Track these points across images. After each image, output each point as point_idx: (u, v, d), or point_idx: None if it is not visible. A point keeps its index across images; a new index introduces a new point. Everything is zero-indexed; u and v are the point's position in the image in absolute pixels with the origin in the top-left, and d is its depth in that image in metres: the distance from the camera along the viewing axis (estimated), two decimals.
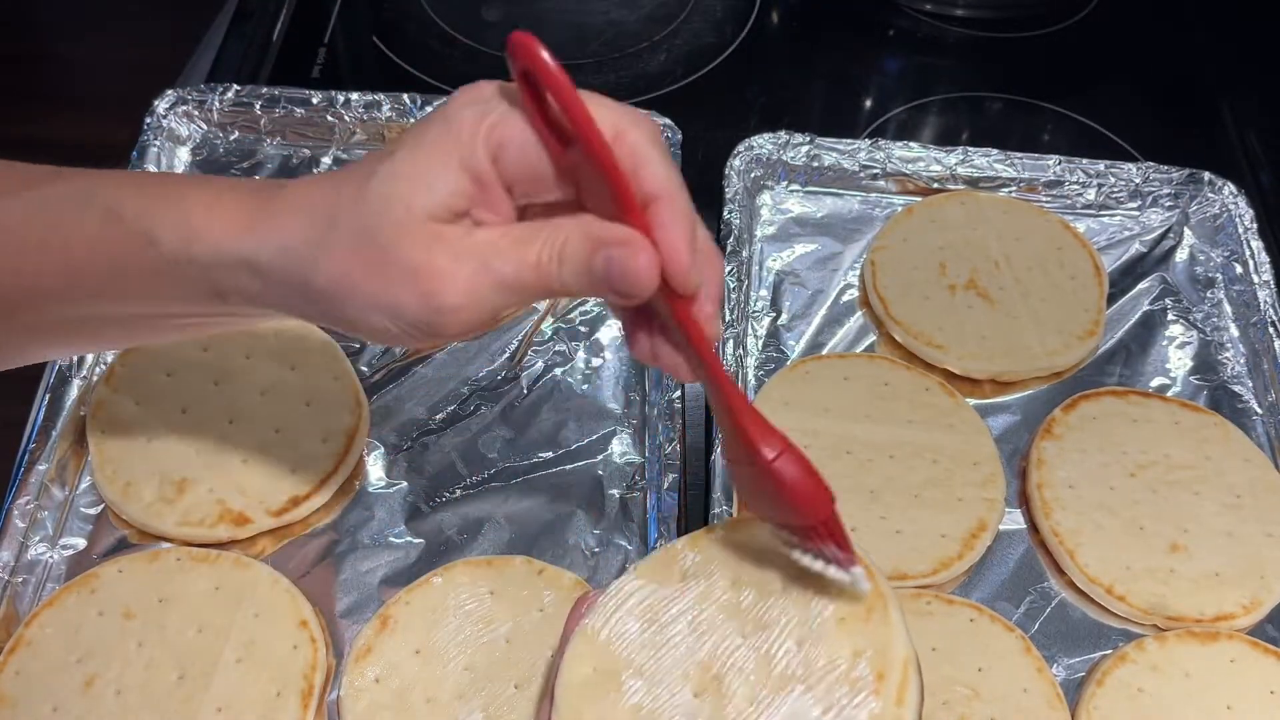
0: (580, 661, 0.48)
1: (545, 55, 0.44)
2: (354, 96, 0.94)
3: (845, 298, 0.89)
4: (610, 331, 0.85)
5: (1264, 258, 0.89)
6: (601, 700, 0.47)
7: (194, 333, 0.56)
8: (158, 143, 0.91)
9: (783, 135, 0.93)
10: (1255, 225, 0.91)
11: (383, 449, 0.78)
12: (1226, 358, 0.87)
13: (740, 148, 0.93)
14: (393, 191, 0.45)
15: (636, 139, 0.45)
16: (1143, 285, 0.91)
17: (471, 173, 0.45)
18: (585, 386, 0.82)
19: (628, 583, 0.51)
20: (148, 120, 0.92)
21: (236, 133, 0.95)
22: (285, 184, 0.49)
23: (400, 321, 0.46)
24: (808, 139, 0.93)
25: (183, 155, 0.93)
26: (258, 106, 0.93)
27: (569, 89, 0.43)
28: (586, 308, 0.87)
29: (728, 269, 0.85)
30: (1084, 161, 0.94)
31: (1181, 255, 0.93)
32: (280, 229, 0.47)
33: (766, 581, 0.49)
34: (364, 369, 0.82)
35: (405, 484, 0.77)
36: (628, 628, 0.49)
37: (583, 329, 0.85)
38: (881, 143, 0.94)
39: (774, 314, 0.87)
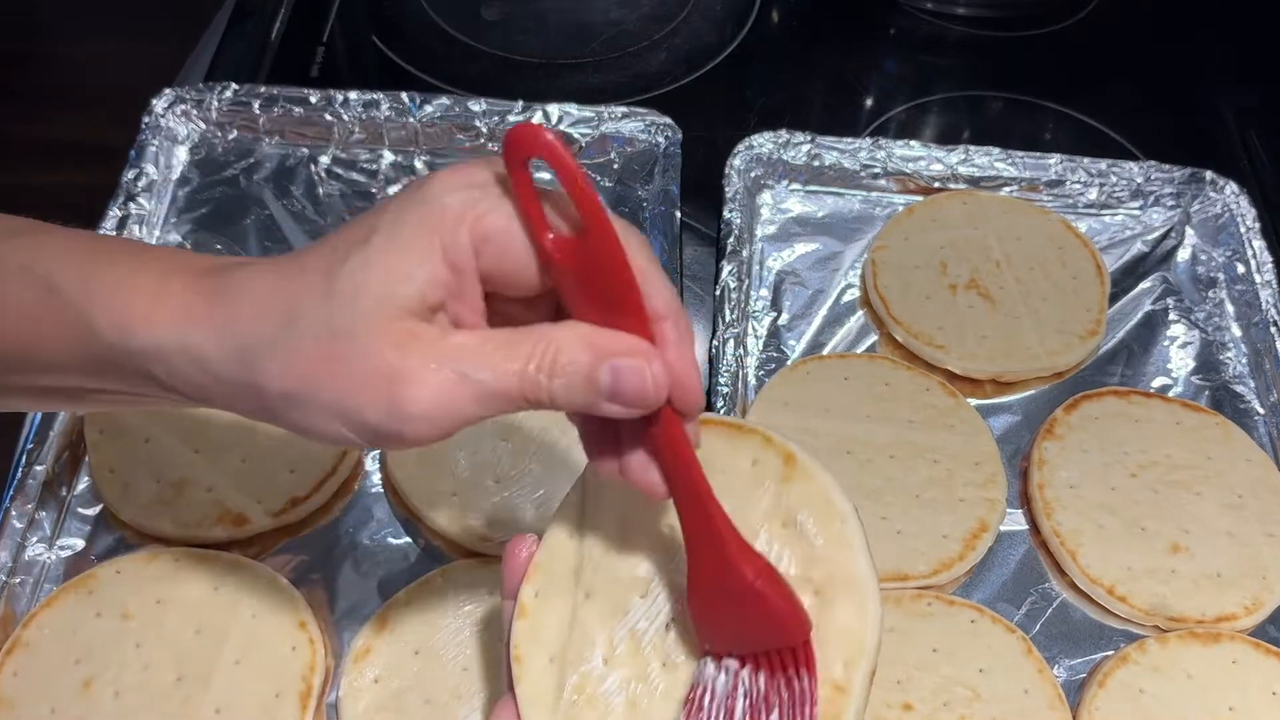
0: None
1: (562, 150, 0.40)
2: (353, 96, 0.93)
3: (846, 297, 0.89)
4: None
5: (1266, 257, 0.89)
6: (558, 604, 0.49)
7: (141, 406, 0.51)
8: (156, 142, 0.91)
9: (783, 134, 0.93)
10: (1257, 225, 0.90)
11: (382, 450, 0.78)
12: (1228, 358, 0.86)
13: (740, 147, 0.92)
14: (364, 282, 0.40)
15: (645, 257, 0.42)
16: (1144, 285, 0.90)
17: (452, 264, 0.41)
18: None
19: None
20: (146, 120, 0.92)
21: (235, 132, 0.94)
22: (239, 268, 0.44)
23: (361, 429, 0.41)
24: (808, 138, 0.93)
25: (181, 155, 0.93)
26: (256, 106, 0.93)
27: (588, 190, 0.40)
28: None
29: (728, 269, 0.84)
30: (1085, 161, 0.93)
31: (1183, 255, 0.92)
32: (232, 321, 0.42)
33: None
34: None
35: None
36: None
37: None
38: (882, 142, 0.93)
39: (774, 314, 0.87)
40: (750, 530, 0.46)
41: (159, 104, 0.92)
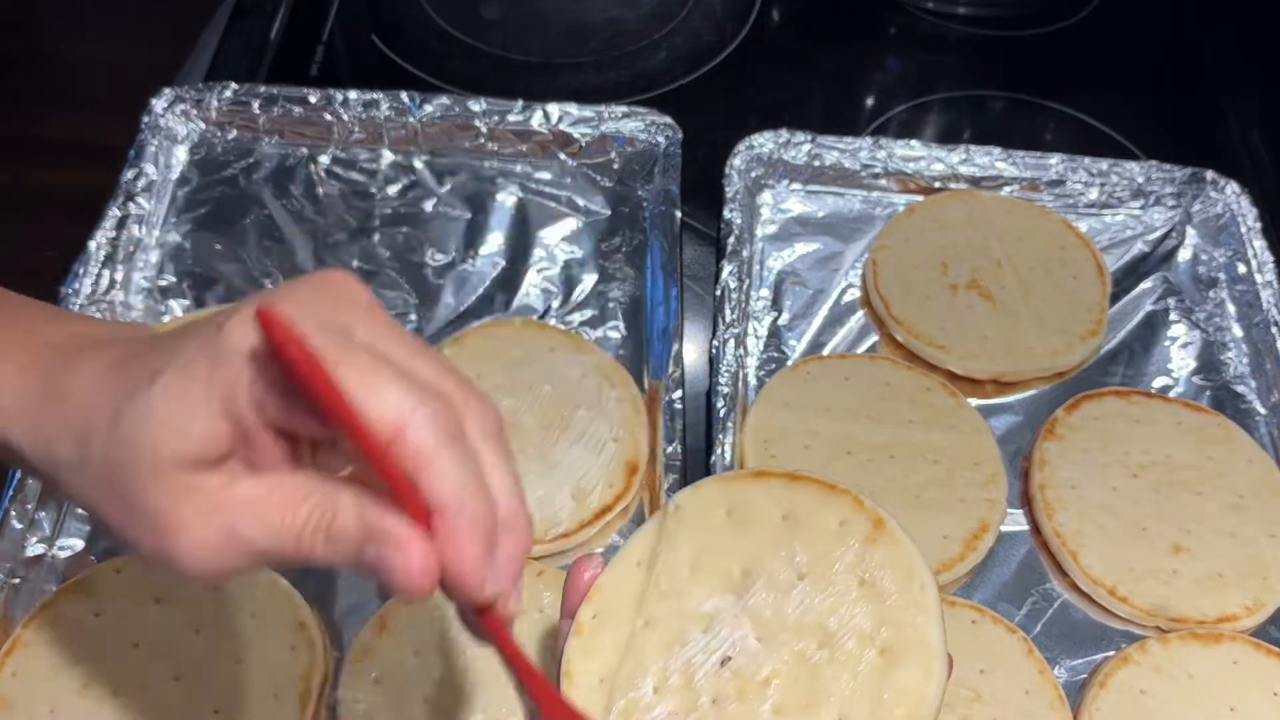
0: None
1: (299, 344, 0.37)
2: (352, 95, 0.93)
3: (846, 297, 0.88)
4: (609, 333, 0.85)
5: (1267, 257, 0.88)
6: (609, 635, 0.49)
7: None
8: (155, 141, 0.91)
9: (783, 134, 0.93)
10: (1258, 225, 0.90)
11: None
12: (1229, 358, 0.86)
13: (740, 147, 0.92)
14: (142, 433, 0.39)
15: (421, 441, 0.38)
16: (1145, 285, 0.90)
17: (235, 417, 0.39)
18: None
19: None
20: (145, 119, 0.92)
21: (234, 131, 0.94)
22: (77, 357, 0.44)
23: (147, 559, 0.41)
24: (809, 138, 0.93)
25: (180, 154, 0.93)
26: (256, 105, 0.93)
27: (327, 386, 0.37)
28: (586, 311, 0.86)
29: (728, 269, 0.84)
30: (1086, 160, 0.93)
31: (1184, 255, 0.92)
32: (41, 430, 0.43)
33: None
34: None
35: None
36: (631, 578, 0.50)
37: (584, 330, 0.85)
38: (883, 141, 0.93)
39: (775, 314, 0.87)
40: (828, 582, 0.47)
41: (158, 103, 0.92)
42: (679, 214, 0.88)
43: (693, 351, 0.85)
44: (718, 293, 0.84)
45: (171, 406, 0.39)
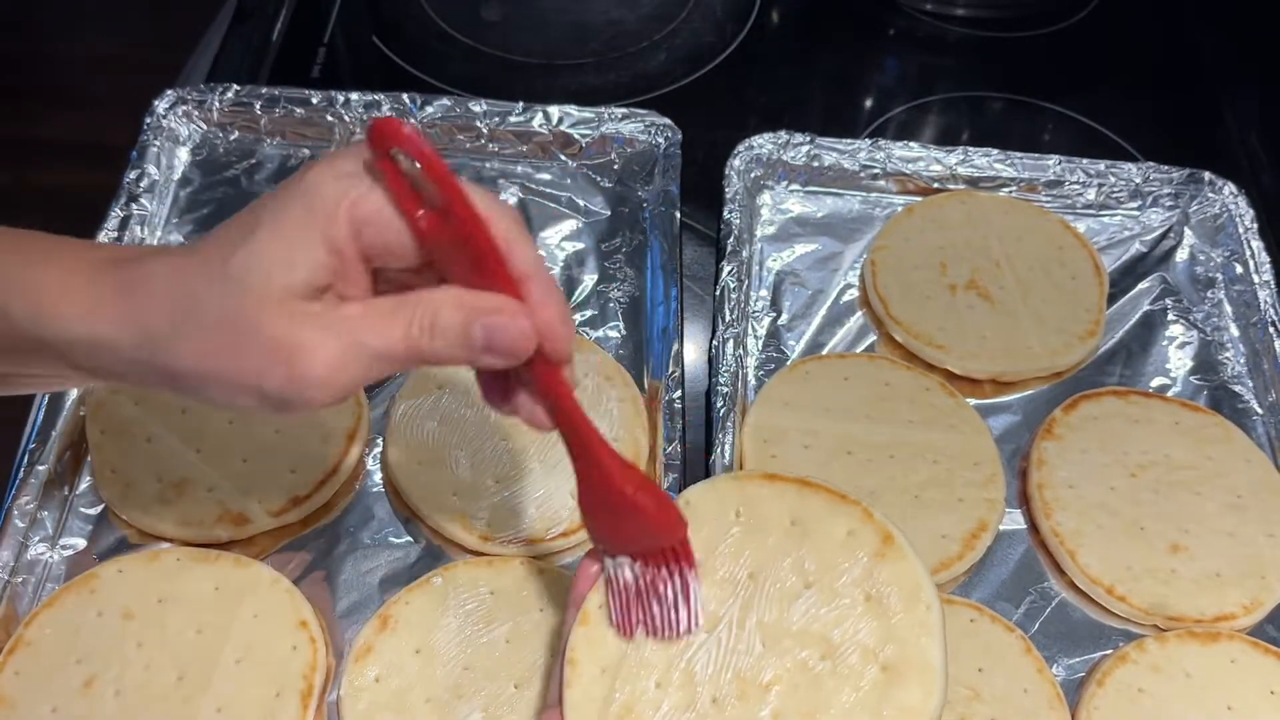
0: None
1: (420, 140, 0.44)
2: (354, 96, 0.94)
3: (845, 298, 0.89)
4: (609, 333, 0.85)
5: (1264, 258, 0.89)
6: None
7: (62, 387, 0.55)
8: (157, 143, 0.91)
9: (783, 135, 0.93)
10: (1255, 225, 0.91)
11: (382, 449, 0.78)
12: (1227, 358, 0.86)
13: (740, 148, 0.93)
14: (254, 269, 0.44)
15: (506, 225, 0.47)
16: (1143, 285, 0.91)
17: (333, 249, 0.45)
18: None
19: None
20: (147, 120, 0.92)
21: (236, 133, 0.95)
22: (141, 261, 0.47)
23: (266, 400, 0.45)
24: (808, 139, 0.93)
25: (182, 155, 0.93)
26: (257, 106, 0.93)
27: (445, 173, 0.45)
28: (586, 311, 0.87)
29: (728, 269, 0.85)
30: (1084, 161, 0.94)
31: (1182, 255, 0.93)
32: (137, 312, 0.46)
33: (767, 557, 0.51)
34: None
35: None
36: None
37: (584, 330, 0.85)
38: (882, 142, 0.94)
39: (774, 314, 0.87)
40: (834, 593, 0.48)
41: (160, 104, 0.93)
42: (679, 214, 0.89)
43: (693, 351, 0.85)
44: (717, 293, 0.84)
45: (277, 245, 0.44)
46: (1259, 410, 0.84)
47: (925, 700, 0.46)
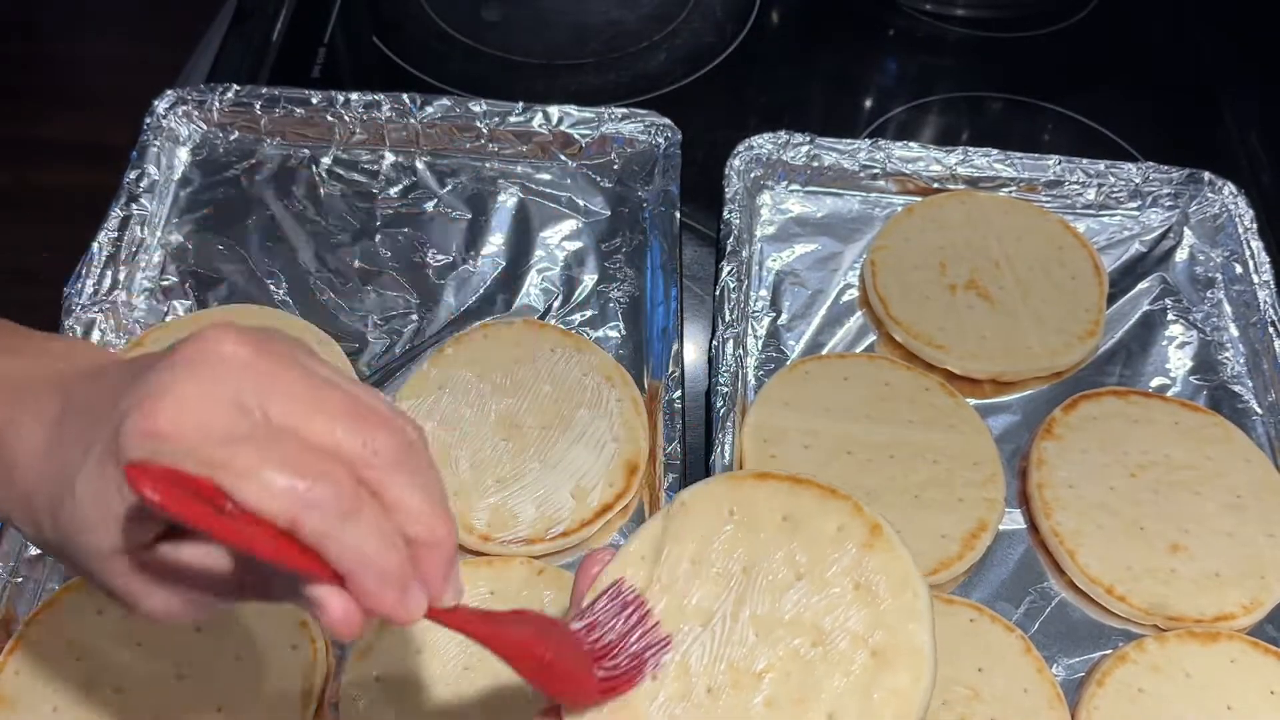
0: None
1: (173, 489, 0.38)
2: (354, 96, 0.94)
3: (845, 298, 0.89)
4: (609, 333, 0.85)
5: (1264, 258, 0.89)
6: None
7: None
8: (157, 143, 0.91)
9: (783, 135, 0.93)
10: (1255, 225, 0.91)
11: None
12: (1226, 358, 0.87)
13: (740, 148, 0.93)
14: (78, 535, 0.43)
15: (314, 524, 0.39)
16: (1143, 285, 0.91)
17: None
18: None
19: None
20: (148, 120, 0.92)
21: (236, 133, 0.95)
22: (15, 430, 0.46)
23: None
24: (808, 139, 0.93)
25: (182, 155, 0.93)
26: (258, 107, 0.93)
27: (216, 522, 0.39)
28: (586, 311, 0.87)
29: (728, 269, 0.85)
30: (1084, 161, 0.94)
31: (1181, 255, 0.93)
32: (4, 507, 0.46)
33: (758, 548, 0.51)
34: (364, 369, 0.82)
35: None
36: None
37: (584, 330, 0.86)
38: (881, 143, 0.94)
39: (774, 314, 0.87)
40: (824, 584, 0.49)
41: (160, 104, 0.93)
42: (678, 214, 0.89)
43: (692, 351, 0.85)
44: (717, 293, 0.84)
45: (96, 512, 0.42)
46: (1259, 410, 0.84)
47: (914, 684, 0.46)
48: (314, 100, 0.93)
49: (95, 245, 0.84)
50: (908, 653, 0.47)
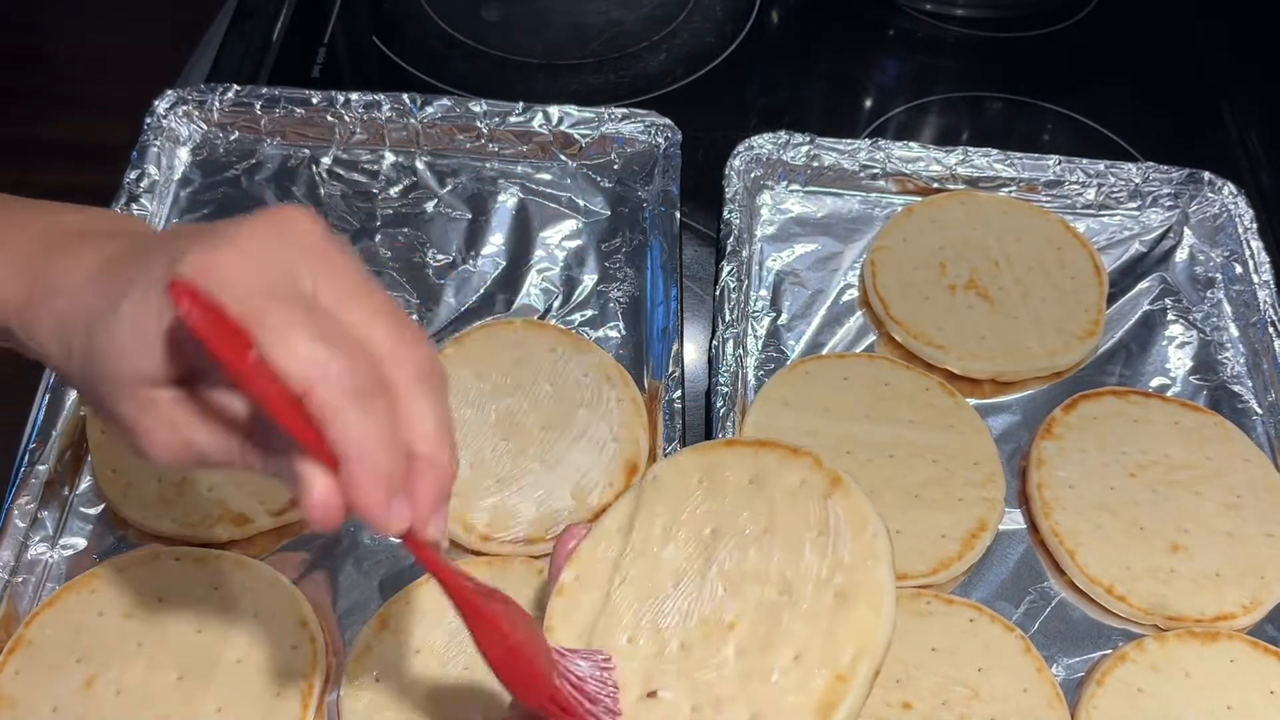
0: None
1: (207, 316, 0.39)
2: (354, 96, 0.94)
3: (845, 298, 0.89)
4: (609, 333, 0.85)
5: (1264, 258, 0.89)
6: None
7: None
8: (158, 143, 0.91)
9: (783, 135, 0.93)
10: (1255, 225, 0.91)
11: None
12: (1226, 358, 0.87)
13: (740, 148, 0.93)
14: (109, 355, 0.44)
15: (327, 397, 0.40)
16: (1143, 285, 0.91)
17: (181, 352, 0.43)
18: None
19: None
20: (148, 120, 0.92)
21: (236, 133, 0.95)
22: (64, 263, 0.47)
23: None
24: (808, 139, 0.93)
25: (183, 155, 0.93)
26: (258, 107, 0.93)
27: (236, 361, 0.40)
28: (586, 311, 0.87)
29: (728, 269, 0.85)
30: (1084, 161, 0.94)
31: (1181, 255, 0.93)
32: (41, 331, 0.47)
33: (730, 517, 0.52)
34: None
35: None
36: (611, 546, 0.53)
37: (584, 330, 0.86)
38: (881, 143, 0.94)
39: (774, 314, 0.87)
40: (789, 534, 0.50)
41: (161, 104, 0.93)
42: (678, 214, 0.89)
43: (692, 351, 0.85)
44: (717, 293, 0.84)
45: (132, 334, 0.43)
46: (1258, 410, 0.84)
47: (874, 617, 0.48)
48: (314, 100, 0.93)
49: None
50: (868, 589, 0.48)
